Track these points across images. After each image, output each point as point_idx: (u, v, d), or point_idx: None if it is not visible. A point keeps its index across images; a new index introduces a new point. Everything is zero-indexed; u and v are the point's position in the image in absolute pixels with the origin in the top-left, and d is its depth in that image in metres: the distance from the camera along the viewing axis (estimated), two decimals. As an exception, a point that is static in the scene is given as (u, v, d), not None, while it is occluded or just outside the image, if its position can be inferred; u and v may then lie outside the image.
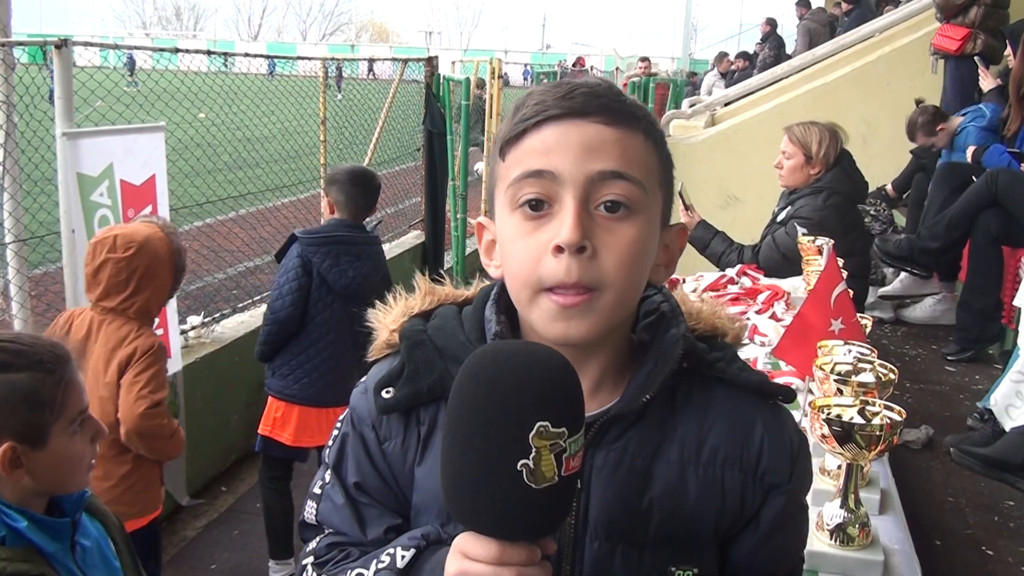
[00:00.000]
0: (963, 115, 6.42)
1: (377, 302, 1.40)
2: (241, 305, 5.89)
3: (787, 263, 4.52)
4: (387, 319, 1.37)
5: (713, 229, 5.03)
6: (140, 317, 3.25)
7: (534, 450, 1.00)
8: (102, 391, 3.17)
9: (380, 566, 1.19)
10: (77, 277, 3.98)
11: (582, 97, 1.17)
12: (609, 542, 1.24)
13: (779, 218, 4.82)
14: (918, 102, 6.82)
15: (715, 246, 4.94)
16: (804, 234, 4.31)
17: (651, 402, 1.24)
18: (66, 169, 3.87)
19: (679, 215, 5.03)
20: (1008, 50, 6.37)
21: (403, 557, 1.17)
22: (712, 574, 1.30)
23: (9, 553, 1.83)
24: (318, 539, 1.35)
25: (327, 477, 1.37)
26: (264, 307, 5.93)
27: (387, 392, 1.29)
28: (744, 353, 3.34)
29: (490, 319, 1.28)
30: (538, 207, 1.17)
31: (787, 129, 4.84)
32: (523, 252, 1.18)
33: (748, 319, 3.68)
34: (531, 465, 1.00)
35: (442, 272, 1.49)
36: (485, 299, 1.32)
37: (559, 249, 1.14)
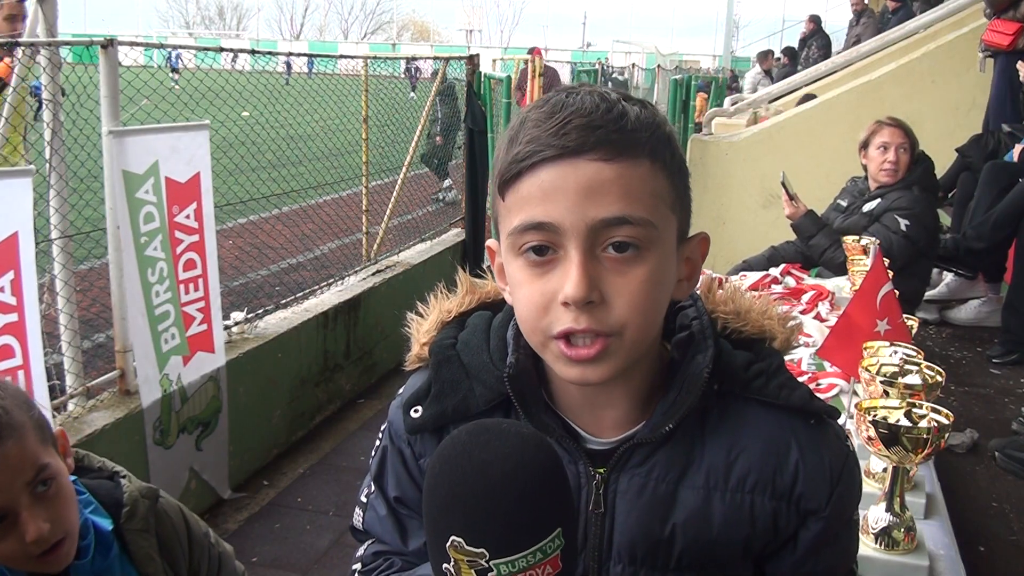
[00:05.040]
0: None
1: (419, 304, 1.38)
2: (284, 301, 5.91)
3: (911, 245, 4.59)
4: (421, 330, 1.35)
5: (820, 222, 4.93)
6: None
7: (452, 560, 0.99)
8: None
9: None
10: (122, 272, 4.03)
11: (577, 133, 1.07)
12: (632, 567, 1.23)
13: (867, 210, 4.79)
14: None
15: (820, 240, 4.84)
16: (907, 226, 4.41)
17: (678, 427, 1.20)
18: (112, 167, 3.91)
19: (783, 205, 5.00)
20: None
21: None
22: None
23: None
24: (365, 546, 1.40)
25: (371, 487, 1.39)
26: (306, 303, 5.99)
27: (415, 411, 1.29)
28: (789, 354, 3.32)
29: (510, 343, 1.26)
30: (542, 252, 1.11)
31: (893, 123, 4.78)
32: (530, 300, 1.13)
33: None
34: (452, 572, 1.00)
35: (483, 268, 1.46)
36: (511, 314, 1.27)
37: (567, 303, 1.09)
